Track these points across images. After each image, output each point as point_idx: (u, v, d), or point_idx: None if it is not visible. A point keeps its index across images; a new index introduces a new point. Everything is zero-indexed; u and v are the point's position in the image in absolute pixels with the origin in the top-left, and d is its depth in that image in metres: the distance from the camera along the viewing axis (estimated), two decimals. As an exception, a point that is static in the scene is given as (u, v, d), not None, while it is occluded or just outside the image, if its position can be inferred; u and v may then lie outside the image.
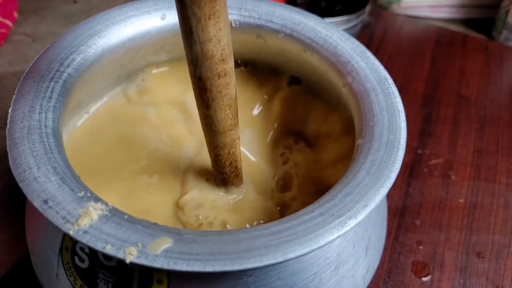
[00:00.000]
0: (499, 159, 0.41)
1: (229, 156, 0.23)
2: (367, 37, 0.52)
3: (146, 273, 0.20)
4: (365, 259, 0.24)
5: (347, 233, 0.23)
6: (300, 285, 0.21)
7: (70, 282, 0.22)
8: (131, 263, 0.17)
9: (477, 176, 0.39)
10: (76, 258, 0.21)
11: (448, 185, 0.38)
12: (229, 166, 0.23)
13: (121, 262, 0.20)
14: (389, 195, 0.37)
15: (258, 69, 0.31)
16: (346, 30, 0.45)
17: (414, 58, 0.50)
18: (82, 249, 0.21)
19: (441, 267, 0.33)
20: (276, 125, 0.29)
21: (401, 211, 0.36)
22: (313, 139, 0.29)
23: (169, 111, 0.29)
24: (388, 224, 0.35)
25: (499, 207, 0.37)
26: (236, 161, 0.23)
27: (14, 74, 0.44)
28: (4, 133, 0.27)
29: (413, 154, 0.40)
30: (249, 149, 0.28)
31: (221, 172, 0.24)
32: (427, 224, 0.36)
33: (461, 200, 0.37)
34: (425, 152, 0.41)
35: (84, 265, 0.21)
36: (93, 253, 0.21)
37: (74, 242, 0.21)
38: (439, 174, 0.39)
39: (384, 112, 0.23)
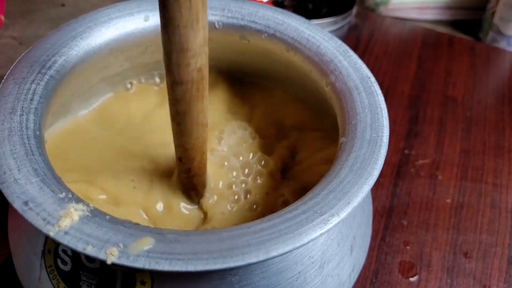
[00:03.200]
0: (485, 159, 0.41)
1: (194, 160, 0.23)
2: (354, 38, 0.52)
3: (129, 274, 0.20)
4: (350, 258, 0.24)
5: (331, 232, 0.23)
6: (285, 284, 0.21)
7: (53, 285, 0.21)
8: (113, 264, 0.17)
9: (464, 176, 0.39)
10: (58, 260, 0.21)
11: (435, 185, 0.38)
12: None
13: (103, 263, 0.20)
14: (376, 196, 0.37)
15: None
16: (332, 31, 0.46)
17: (400, 60, 0.50)
18: (64, 251, 0.21)
19: (428, 267, 0.33)
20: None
21: (388, 211, 0.36)
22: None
23: (158, 116, 0.29)
24: (375, 225, 0.35)
25: (486, 207, 0.37)
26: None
27: (0, 77, 0.43)
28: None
29: (400, 155, 0.41)
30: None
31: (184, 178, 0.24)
32: (414, 224, 0.36)
33: (448, 200, 0.38)
34: (412, 152, 0.41)
35: (67, 267, 0.21)
36: (75, 256, 0.20)
37: (57, 244, 0.21)
38: (426, 175, 0.39)
39: (366, 110, 0.23)
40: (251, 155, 0.27)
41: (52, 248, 0.21)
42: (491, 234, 0.36)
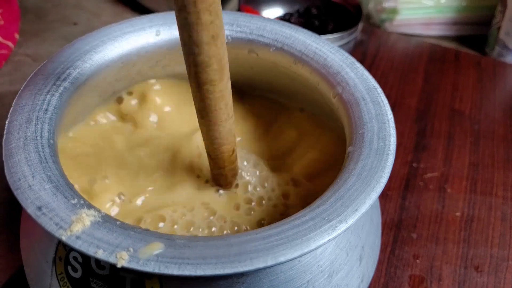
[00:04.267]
0: (495, 172, 0.41)
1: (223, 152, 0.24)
2: (360, 54, 0.53)
3: (139, 282, 0.20)
4: (359, 268, 0.24)
5: (339, 241, 0.23)
6: (293, 293, 0.21)
7: (63, 293, 0.22)
8: (123, 268, 0.17)
9: (473, 189, 0.39)
10: (69, 268, 0.21)
11: (444, 199, 0.38)
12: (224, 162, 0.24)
13: (113, 270, 0.20)
14: (385, 209, 0.37)
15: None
16: (339, 47, 0.46)
17: (407, 74, 0.51)
18: (75, 258, 0.21)
19: (439, 281, 0.33)
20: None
21: (397, 224, 0.36)
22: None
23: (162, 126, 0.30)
24: (384, 238, 0.35)
25: (497, 220, 0.37)
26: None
27: (14, 93, 0.44)
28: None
29: (408, 168, 0.40)
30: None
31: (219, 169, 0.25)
32: (424, 237, 0.35)
33: (458, 214, 0.37)
34: (420, 165, 0.41)
35: (77, 274, 0.21)
36: (86, 262, 0.21)
37: (68, 251, 0.21)
38: (434, 188, 0.39)
39: (373, 120, 0.23)
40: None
41: (63, 255, 0.22)
42: (503, 248, 0.35)
